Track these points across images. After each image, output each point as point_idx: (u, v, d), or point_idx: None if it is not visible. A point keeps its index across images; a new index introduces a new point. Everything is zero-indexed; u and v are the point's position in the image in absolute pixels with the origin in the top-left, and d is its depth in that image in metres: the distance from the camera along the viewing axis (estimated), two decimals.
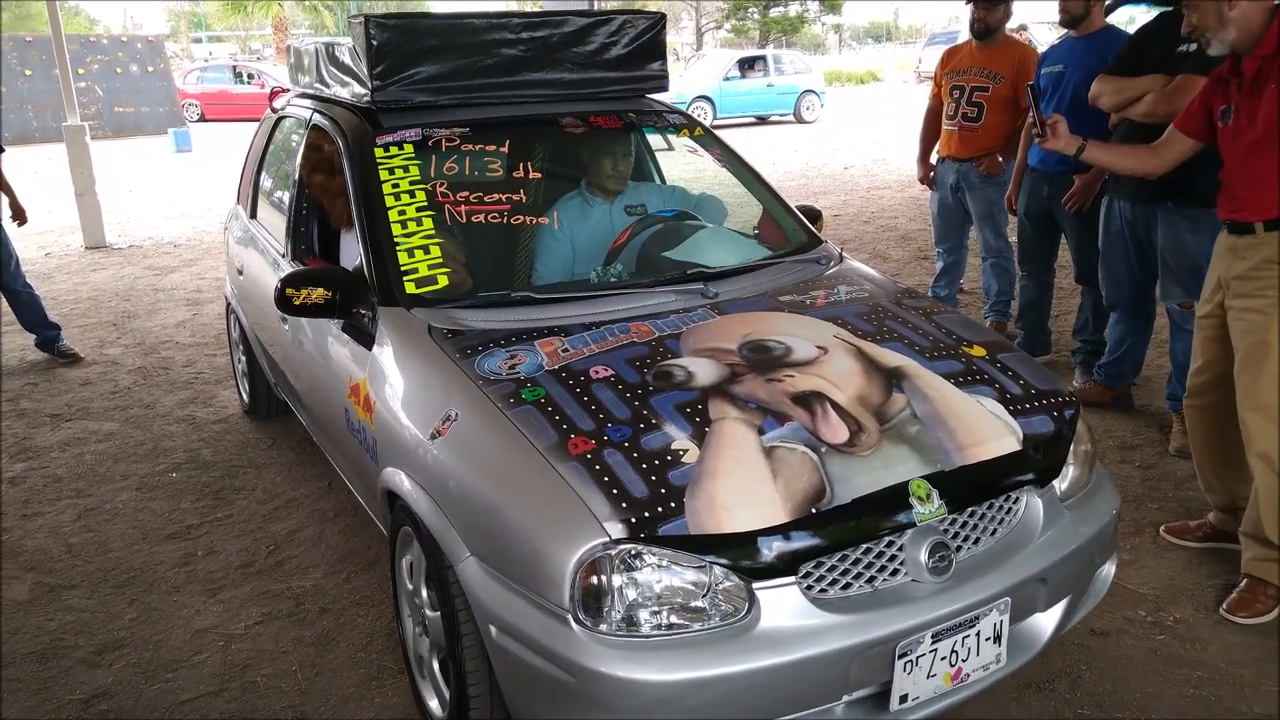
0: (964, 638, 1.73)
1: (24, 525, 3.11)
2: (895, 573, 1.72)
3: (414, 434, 1.97)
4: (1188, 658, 2.26)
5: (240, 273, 3.60)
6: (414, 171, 2.50)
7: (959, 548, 1.78)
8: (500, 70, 2.74)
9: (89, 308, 5.94)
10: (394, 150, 2.54)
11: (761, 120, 18.54)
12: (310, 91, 3.21)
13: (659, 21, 2.97)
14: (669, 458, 1.71)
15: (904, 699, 1.69)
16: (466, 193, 2.51)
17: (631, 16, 2.91)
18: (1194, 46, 3.05)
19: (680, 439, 1.75)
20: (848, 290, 2.41)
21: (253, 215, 3.61)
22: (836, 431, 1.79)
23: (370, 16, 2.60)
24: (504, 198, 2.52)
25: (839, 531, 1.66)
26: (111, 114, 18.60)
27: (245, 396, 3.96)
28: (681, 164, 3.59)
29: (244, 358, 3.84)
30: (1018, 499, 1.89)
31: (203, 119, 22.14)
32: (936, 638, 1.69)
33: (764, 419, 1.81)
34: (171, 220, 9.33)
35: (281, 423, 3.80)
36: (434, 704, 2.03)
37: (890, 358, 2.04)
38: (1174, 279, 3.21)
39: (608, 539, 1.57)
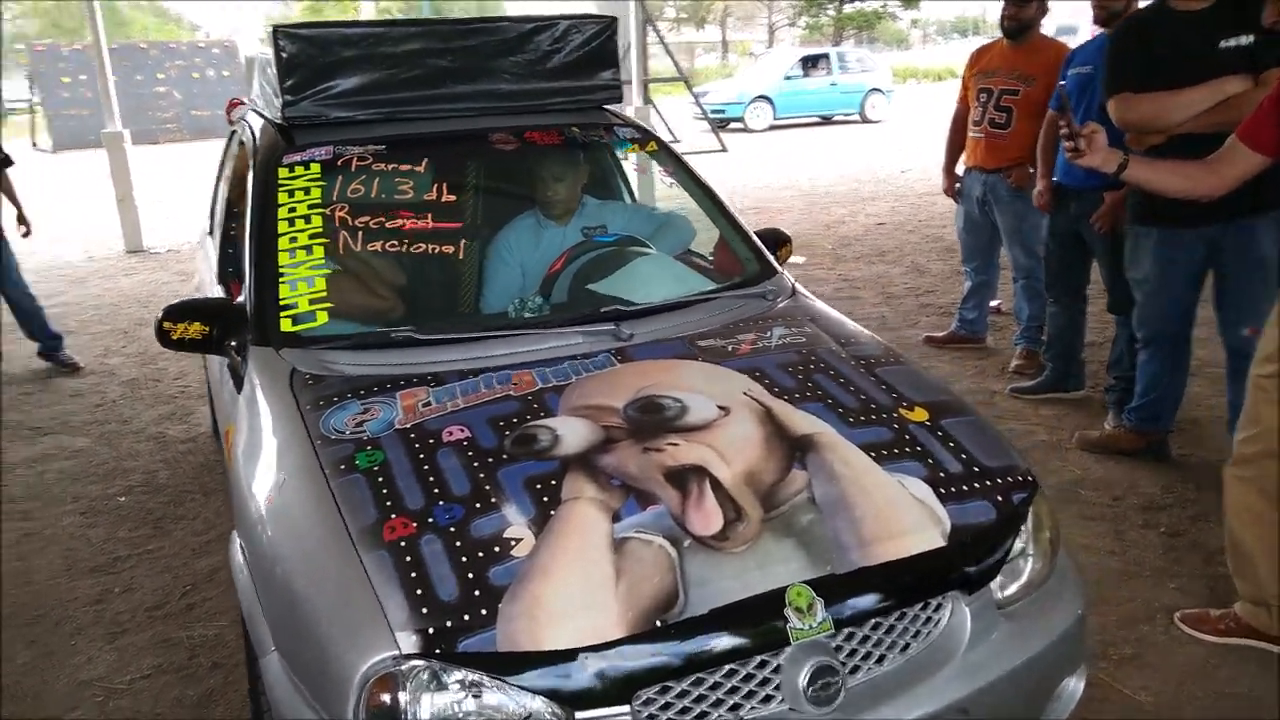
0: None
1: None
2: (769, 699, 1.41)
3: (253, 499, 1.75)
4: None
5: (197, 291, 3.47)
6: (315, 194, 2.29)
7: (855, 668, 1.46)
8: (427, 82, 2.51)
9: (109, 313, 5.98)
10: (299, 170, 2.33)
11: (825, 120, 17.98)
12: (253, 105, 3.04)
13: (609, 26, 2.69)
14: (497, 549, 1.44)
15: None
16: (368, 218, 2.28)
17: (578, 21, 2.64)
18: (1247, 39, 2.61)
19: (517, 525, 1.48)
20: (783, 333, 2.09)
21: (210, 231, 3.48)
22: (707, 520, 1.49)
23: (281, 26, 2.40)
24: (408, 224, 2.29)
25: (690, 650, 1.36)
26: (189, 117, 19.22)
27: (212, 414, 3.84)
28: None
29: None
30: (940, 606, 1.55)
31: None
32: None
33: (624, 501, 1.52)
34: None
35: None
36: None
37: (802, 423, 1.73)
38: (1251, 304, 2.74)
39: (397, 653, 1.32)
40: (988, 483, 1.67)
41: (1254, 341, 2.37)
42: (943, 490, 1.62)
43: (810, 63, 17.85)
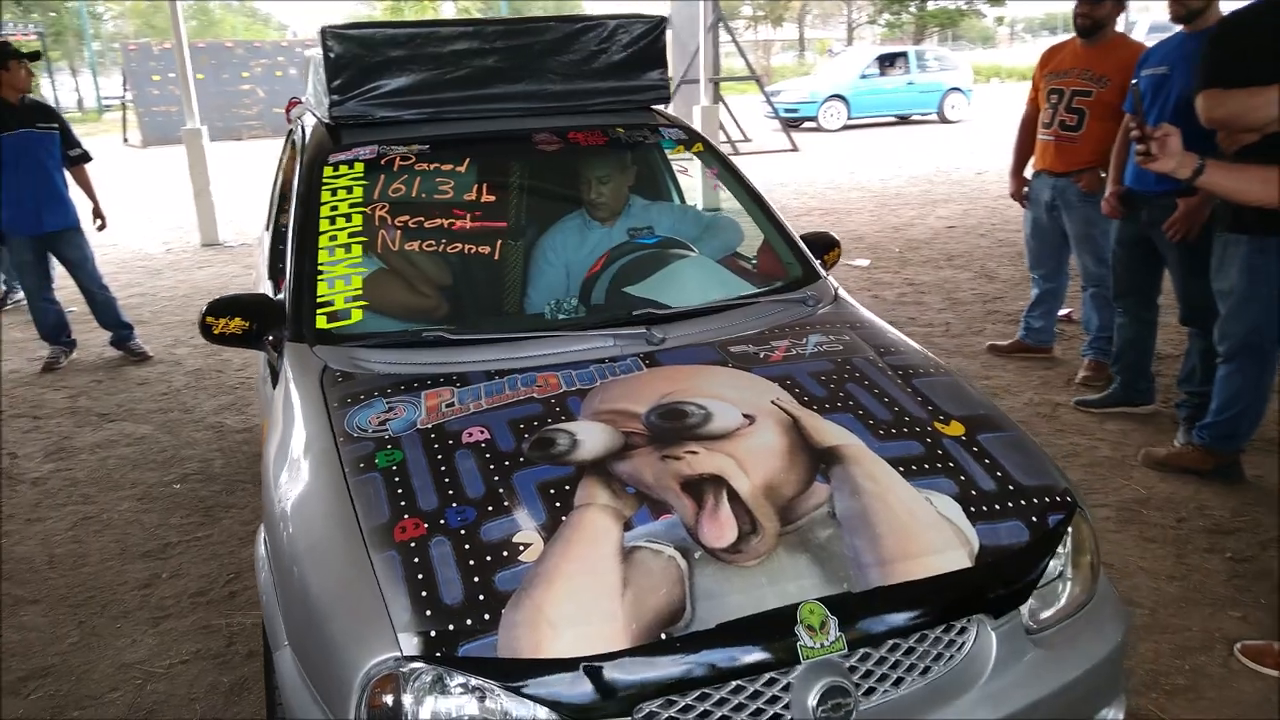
0: None
1: (24, 530, 3.18)
2: (777, 717, 1.36)
3: (277, 493, 1.77)
4: None
5: (255, 285, 3.56)
6: (357, 193, 2.31)
7: (870, 690, 1.40)
8: (472, 82, 2.51)
9: (181, 305, 6.20)
10: (343, 169, 2.36)
11: (902, 120, 17.60)
12: (306, 105, 3.11)
13: (658, 25, 2.66)
14: (505, 553, 1.43)
15: None
16: (408, 217, 2.30)
17: (626, 20, 2.62)
18: None
19: (527, 529, 1.46)
20: (819, 340, 2.03)
21: (267, 227, 3.57)
22: (720, 531, 1.45)
23: (329, 27, 2.43)
24: (446, 224, 2.30)
25: (696, 665, 1.33)
26: (271, 115, 19.82)
27: None
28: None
29: None
30: (964, 629, 1.48)
31: None
32: None
33: (637, 509, 1.49)
34: None
35: None
36: None
37: (829, 434, 1.67)
38: None
39: (399, 654, 1.31)
40: (1023, 502, 1.58)
41: None
42: (973, 509, 1.55)
43: (887, 61, 17.46)
